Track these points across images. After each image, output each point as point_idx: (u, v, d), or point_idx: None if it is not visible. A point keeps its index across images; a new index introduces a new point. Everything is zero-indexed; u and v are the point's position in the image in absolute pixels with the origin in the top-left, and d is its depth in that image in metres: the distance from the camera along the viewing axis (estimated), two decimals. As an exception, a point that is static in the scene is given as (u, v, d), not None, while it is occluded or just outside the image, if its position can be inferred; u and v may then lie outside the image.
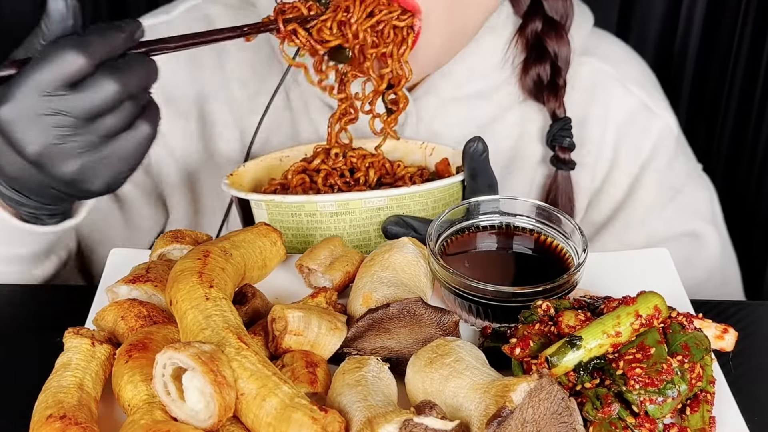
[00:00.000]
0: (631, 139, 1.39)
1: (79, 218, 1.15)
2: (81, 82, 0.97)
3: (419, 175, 1.21)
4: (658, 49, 1.94)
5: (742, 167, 1.96)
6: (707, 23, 1.91)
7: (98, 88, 0.97)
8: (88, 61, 0.96)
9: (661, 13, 1.92)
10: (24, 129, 0.97)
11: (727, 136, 1.97)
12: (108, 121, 0.99)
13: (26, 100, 0.96)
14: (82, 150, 0.99)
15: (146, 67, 1.00)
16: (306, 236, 1.12)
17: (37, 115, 0.97)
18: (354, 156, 1.20)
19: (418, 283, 1.00)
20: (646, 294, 0.90)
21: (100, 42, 0.97)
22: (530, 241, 1.06)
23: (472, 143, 1.12)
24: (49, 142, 0.97)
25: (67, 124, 0.97)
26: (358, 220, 1.11)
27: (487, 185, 1.13)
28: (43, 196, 1.06)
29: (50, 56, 0.96)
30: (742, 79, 1.92)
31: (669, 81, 1.92)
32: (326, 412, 0.78)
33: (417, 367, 0.87)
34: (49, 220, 1.13)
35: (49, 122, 0.97)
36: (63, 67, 0.95)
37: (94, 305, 1.02)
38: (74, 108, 0.97)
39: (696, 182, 1.43)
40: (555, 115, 1.34)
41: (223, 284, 0.91)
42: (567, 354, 0.86)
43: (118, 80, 0.97)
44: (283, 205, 1.11)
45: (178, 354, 0.79)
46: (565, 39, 1.33)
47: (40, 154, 0.98)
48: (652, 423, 0.84)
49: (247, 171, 1.24)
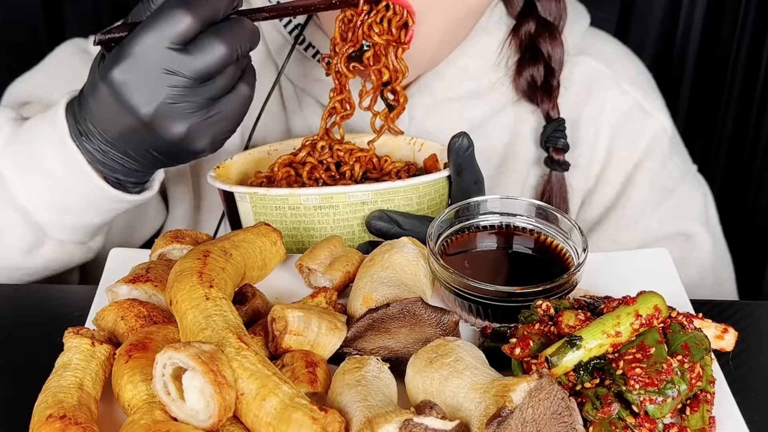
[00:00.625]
0: (625, 140, 1.39)
1: (155, 190, 1.18)
2: (191, 43, 0.99)
3: (406, 170, 1.21)
4: (658, 50, 1.94)
5: (741, 168, 1.97)
6: (707, 23, 1.91)
7: (208, 50, 0.99)
8: (194, 20, 0.98)
9: (661, 14, 1.92)
10: (138, 89, 0.99)
11: (727, 137, 1.97)
12: (217, 82, 1.01)
13: (139, 60, 0.98)
14: (192, 110, 1.01)
15: (248, 30, 1.02)
16: (290, 229, 1.12)
17: (151, 76, 0.98)
18: (341, 150, 1.20)
19: (418, 283, 1.00)
20: (646, 294, 0.90)
21: (204, 2, 0.99)
22: (530, 241, 1.06)
23: (457, 138, 1.12)
24: (163, 101, 0.99)
25: (179, 84, 0.99)
26: (342, 213, 1.11)
27: (473, 181, 1.13)
28: (141, 159, 1.08)
29: (159, 16, 0.98)
30: (741, 80, 1.92)
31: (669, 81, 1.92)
32: (326, 412, 0.78)
33: (417, 367, 0.87)
34: (133, 189, 1.15)
35: (163, 82, 0.99)
36: (172, 26, 0.97)
37: (94, 305, 1.02)
38: (186, 68, 0.99)
39: (689, 183, 1.43)
40: (549, 116, 1.33)
41: (223, 284, 0.91)
42: (567, 354, 0.86)
43: (227, 42, 0.99)
44: (266, 198, 1.11)
45: (178, 354, 0.79)
46: (558, 40, 1.33)
47: (153, 114, 1.00)
48: (651, 423, 0.84)
49: (235, 164, 1.24)
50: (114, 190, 1.12)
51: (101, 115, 1.04)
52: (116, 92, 1.00)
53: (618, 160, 1.39)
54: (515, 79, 1.34)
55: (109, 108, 1.02)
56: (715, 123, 1.97)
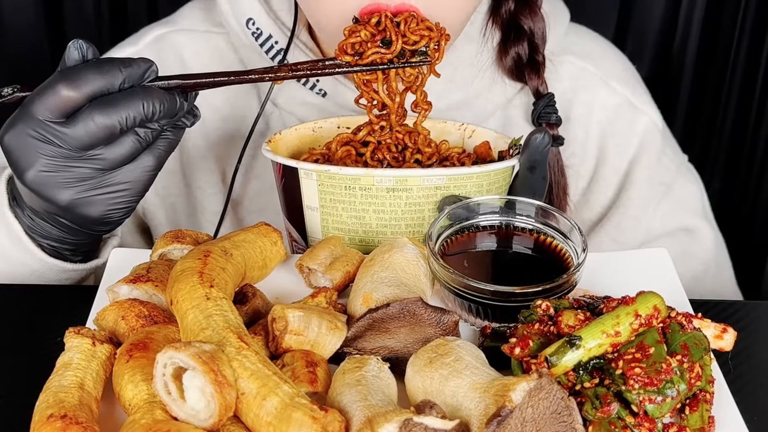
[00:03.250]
0: (617, 138, 1.38)
1: (103, 259, 1.17)
2: (75, 114, 1.00)
3: (466, 156, 1.18)
4: (658, 49, 1.94)
5: (740, 169, 1.97)
6: (707, 23, 1.91)
7: (88, 121, 1.00)
8: (76, 94, 0.99)
9: (660, 14, 1.92)
10: (21, 156, 1.02)
11: (727, 136, 1.97)
12: (104, 153, 1.02)
13: (24, 128, 1.01)
14: (76, 181, 1.03)
15: (142, 98, 1.01)
16: (359, 211, 1.09)
17: (31, 144, 1.01)
18: (401, 131, 1.16)
19: (418, 283, 1.00)
20: (645, 294, 0.91)
21: (94, 76, 1.00)
22: (530, 241, 1.06)
23: (537, 134, 1.10)
24: (41, 170, 1.02)
25: (58, 155, 1.01)
26: (415, 198, 1.09)
27: (542, 177, 1.12)
28: (55, 224, 1.10)
29: (43, 88, 1.01)
30: (741, 80, 1.92)
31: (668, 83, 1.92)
32: (326, 412, 0.78)
33: (417, 366, 0.88)
34: (74, 257, 1.15)
35: (42, 151, 1.01)
36: (54, 99, 1.00)
37: (94, 305, 1.02)
38: (62, 139, 1.01)
39: (685, 176, 1.42)
40: (538, 92, 1.32)
41: (224, 284, 0.91)
42: (566, 354, 0.86)
43: (109, 115, 1.00)
44: (338, 176, 1.08)
45: (179, 353, 0.79)
46: (539, 15, 1.31)
47: (33, 180, 1.02)
48: (651, 422, 0.84)
49: (283, 139, 1.20)
50: (53, 260, 1.13)
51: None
52: (6, 156, 1.03)
53: (612, 158, 1.39)
54: (501, 59, 1.33)
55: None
56: (715, 123, 1.97)
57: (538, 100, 1.32)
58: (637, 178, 1.39)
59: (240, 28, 1.32)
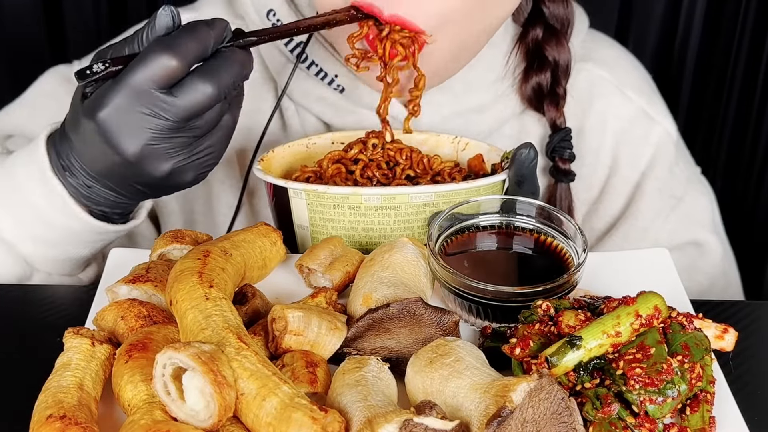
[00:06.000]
0: (630, 147, 1.38)
1: (141, 219, 1.18)
2: (176, 85, 0.99)
3: (458, 170, 1.19)
4: (658, 51, 1.94)
5: (741, 169, 1.97)
6: (707, 24, 1.91)
7: (195, 92, 0.98)
8: (180, 63, 0.98)
9: (660, 14, 1.92)
10: (121, 131, 0.99)
11: (727, 138, 1.97)
12: (201, 121, 1.01)
13: (123, 103, 0.98)
14: (177, 150, 1.02)
15: (239, 62, 1.01)
16: (348, 229, 1.10)
17: (134, 118, 0.99)
18: (392, 149, 1.17)
19: (418, 283, 1.00)
20: (646, 294, 0.90)
21: (192, 42, 0.98)
22: (530, 241, 1.06)
23: (524, 149, 1.10)
24: (146, 143, 1.00)
25: (163, 127, 1.00)
26: (404, 215, 1.09)
27: (531, 192, 1.12)
28: (126, 193, 1.08)
29: (145, 59, 0.97)
30: (741, 81, 1.92)
31: (669, 82, 1.92)
32: (326, 412, 0.78)
33: (417, 367, 0.87)
34: (118, 219, 1.15)
35: (146, 125, 0.99)
36: (156, 71, 0.97)
37: (94, 305, 1.02)
38: (171, 112, 0.99)
39: (696, 188, 1.42)
40: (555, 125, 1.32)
41: (223, 284, 0.91)
42: (567, 354, 0.86)
43: (213, 83, 0.99)
44: (326, 195, 1.09)
45: (178, 354, 0.79)
46: (565, 47, 1.31)
47: (137, 155, 1.00)
48: (652, 423, 0.84)
49: (276, 156, 1.21)
50: (98, 222, 1.12)
51: (84, 151, 1.05)
52: (100, 132, 1.00)
53: (624, 168, 1.38)
54: (521, 87, 1.33)
55: (92, 145, 1.02)
56: (715, 123, 1.97)
57: (554, 133, 1.32)
58: (648, 189, 1.38)
59: (261, 19, 1.32)
